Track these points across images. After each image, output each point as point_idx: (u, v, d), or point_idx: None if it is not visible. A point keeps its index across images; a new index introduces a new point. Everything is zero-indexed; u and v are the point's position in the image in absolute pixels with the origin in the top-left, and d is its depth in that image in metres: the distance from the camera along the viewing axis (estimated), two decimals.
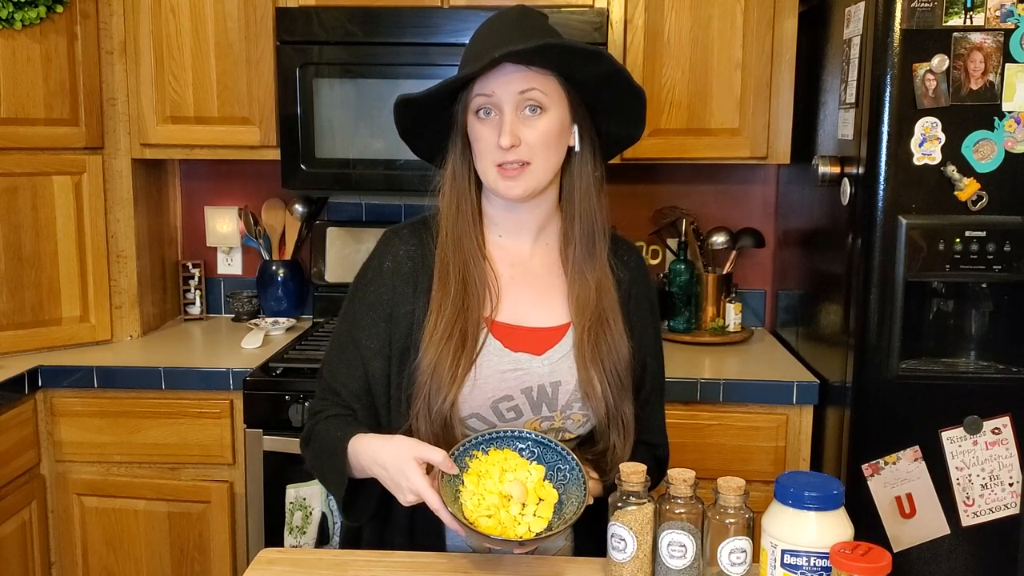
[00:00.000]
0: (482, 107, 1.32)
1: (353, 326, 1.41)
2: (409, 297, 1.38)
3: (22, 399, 2.21)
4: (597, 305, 1.39)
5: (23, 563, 2.23)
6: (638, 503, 1.20)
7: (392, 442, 1.26)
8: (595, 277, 1.40)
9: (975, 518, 2.00)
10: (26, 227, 2.35)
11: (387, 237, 1.44)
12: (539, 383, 1.36)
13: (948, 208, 1.93)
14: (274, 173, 2.46)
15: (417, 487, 1.18)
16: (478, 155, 1.35)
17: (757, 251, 2.79)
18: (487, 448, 1.27)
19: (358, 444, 1.29)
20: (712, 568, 1.17)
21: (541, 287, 1.42)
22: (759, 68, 2.41)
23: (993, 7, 1.87)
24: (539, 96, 1.31)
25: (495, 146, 1.31)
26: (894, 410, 1.99)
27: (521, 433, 1.28)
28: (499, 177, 1.32)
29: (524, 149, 1.31)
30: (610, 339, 1.38)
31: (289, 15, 2.34)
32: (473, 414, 1.35)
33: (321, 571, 1.28)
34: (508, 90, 1.30)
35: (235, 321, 2.85)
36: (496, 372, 1.35)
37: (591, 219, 1.40)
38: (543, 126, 1.31)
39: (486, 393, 1.34)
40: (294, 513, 2.12)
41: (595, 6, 2.38)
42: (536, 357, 1.37)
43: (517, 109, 1.30)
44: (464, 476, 1.23)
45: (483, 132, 1.32)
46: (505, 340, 1.37)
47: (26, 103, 2.31)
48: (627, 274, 1.47)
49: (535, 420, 1.37)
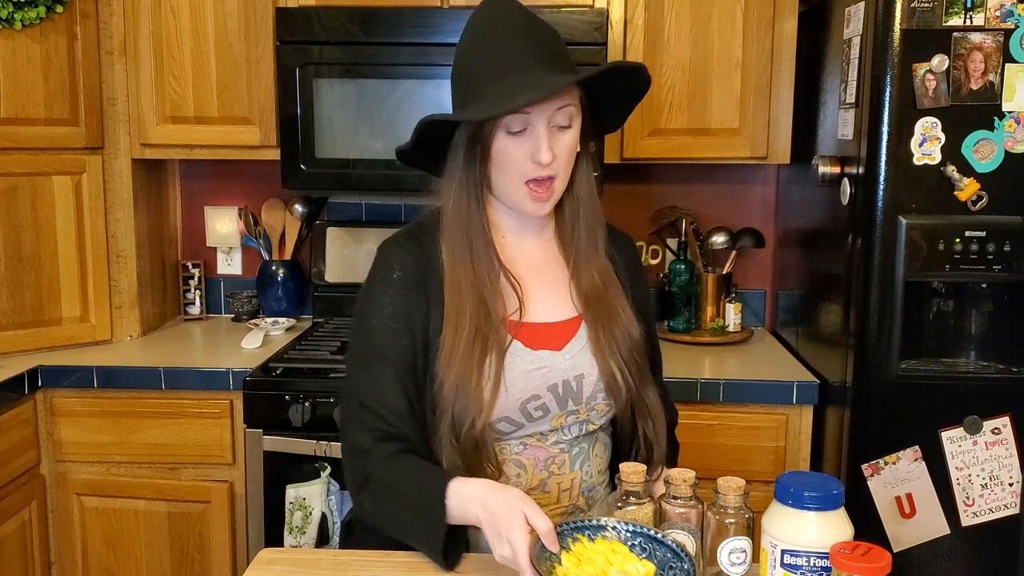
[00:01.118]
0: (514, 125, 1.29)
1: (375, 343, 1.34)
2: (423, 308, 1.34)
3: (22, 399, 2.21)
4: (604, 295, 1.39)
5: (23, 563, 2.23)
6: (638, 503, 1.20)
7: (504, 491, 1.20)
8: (599, 268, 1.41)
9: (975, 518, 2.00)
10: (26, 227, 2.35)
11: (389, 247, 1.40)
12: (563, 378, 1.36)
13: (948, 208, 1.93)
14: (274, 173, 2.45)
15: (516, 544, 1.12)
16: (505, 171, 1.32)
17: (757, 251, 2.79)
18: (594, 535, 1.18)
19: (457, 487, 1.23)
20: (712, 568, 1.17)
21: (548, 282, 1.42)
22: (759, 68, 2.41)
23: (993, 7, 1.87)
24: (572, 111, 1.31)
25: (526, 160, 1.29)
26: (894, 410, 1.99)
27: (632, 527, 1.19)
28: (528, 197, 1.32)
29: (555, 164, 1.31)
30: (622, 327, 1.38)
31: (289, 15, 2.34)
32: (503, 417, 1.33)
33: (321, 571, 1.28)
34: (547, 109, 1.28)
35: (235, 321, 2.85)
36: (521, 373, 1.33)
37: (594, 215, 1.41)
38: (569, 140, 1.32)
39: (514, 395, 1.32)
40: (294, 513, 2.12)
41: (595, 6, 2.38)
42: (557, 352, 1.37)
43: (550, 126, 1.30)
44: (563, 555, 1.15)
45: (513, 149, 1.30)
46: (525, 339, 1.36)
47: (26, 103, 2.31)
48: (622, 258, 1.49)
49: (561, 415, 1.37)
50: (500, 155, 1.31)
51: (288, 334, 2.67)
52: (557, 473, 1.38)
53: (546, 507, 1.36)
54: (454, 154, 1.35)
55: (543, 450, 1.37)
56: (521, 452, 1.37)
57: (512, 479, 1.36)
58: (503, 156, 1.31)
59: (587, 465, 1.41)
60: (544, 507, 1.35)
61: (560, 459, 1.38)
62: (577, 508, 1.40)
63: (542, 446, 1.37)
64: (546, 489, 1.37)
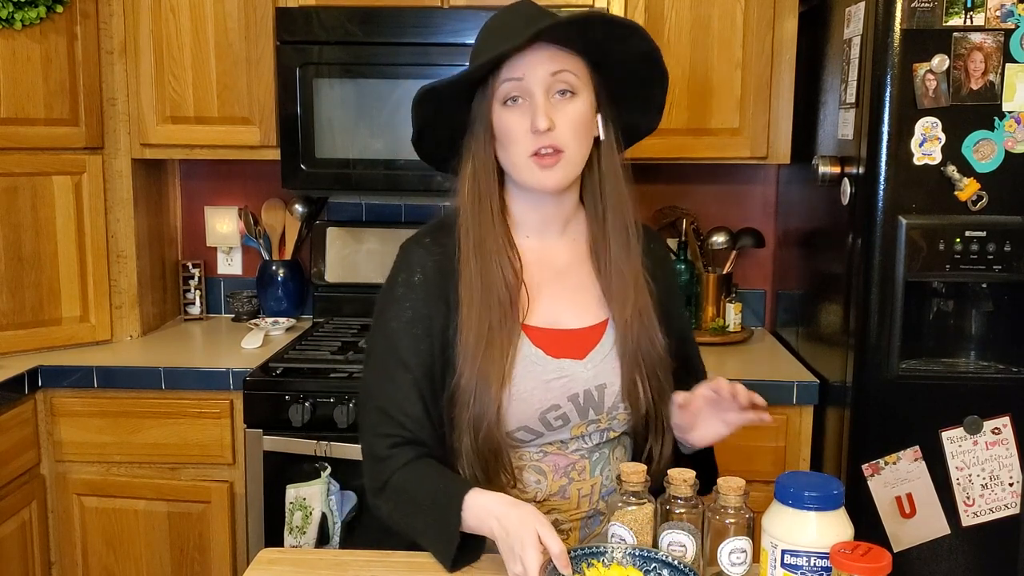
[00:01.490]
0: (510, 94, 1.26)
1: (395, 347, 1.31)
2: (443, 312, 1.32)
3: (22, 399, 2.21)
4: (636, 300, 1.33)
5: (23, 563, 2.23)
6: (638, 503, 1.20)
7: (520, 508, 1.18)
8: (632, 271, 1.34)
9: (975, 518, 2.00)
10: (26, 227, 2.35)
11: (411, 248, 1.36)
12: (585, 388, 1.32)
13: (948, 208, 1.92)
14: (274, 173, 2.46)
15: (529, 563, 1.10)
16: (508, 145, 1.28)
17: (757, 251, 2.79)
18: (609, 561, 1.17)
19: (474, 498, 1.22)
20: (712, 568, 1.17)
21: (573, 286, 1.37)
22: (759, 68, 2.41)
23: (993, 7, 1.87)
24: (570, 78, 1.26)
25: (527, 133, 1.25)
26: (894, 410, 1.99)
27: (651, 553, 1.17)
28: (534, 167, 1.26)
29: (557, 134, 1.25)
30: (648, 336, 1.33)
31: (289, 15, 2.34)
32: (521, 427, 1.31)
33: (321, 571, 1.28)
34: (539, 72, 1.24)
35: (235, 321, 2.85)
36: (541, 383, 1.30)
37: (623, 211, 1.35)
38: (574, 111, 1.26)
39: (533, 405, 1.29)
40: (294, 513, 2.12)
41: (595, 6, 2.38)
42: (579, 362, 1.33)
43: (548, 93, 1.25)
44: None
45: (512, 120, 1.26)
46: (546, 347, 1.32)
47: (26, 103, 2.31)
48: (650, 260, 1.40)
49: (582, 424, 1.34)
50: (502, 131, 1.28)
51: (288, 334, 2.67)
52: (577, 479, 1.36)
53: (566, 512, 1.35)
54: (467, 144, 1.32)
55: (563, 457, 1.35)
56: (541, 459, 1.34)
57: (532, 485, 1.34)
58: (504, 131, 1.27)
59: (607, 470, 1.38)
60: (564, 512, 1.35)
61: (580, 465, 1.35)
62: (598, 512, 1.38)
63: (562, 453, 1.35)
64: (566, 495, 1.35)
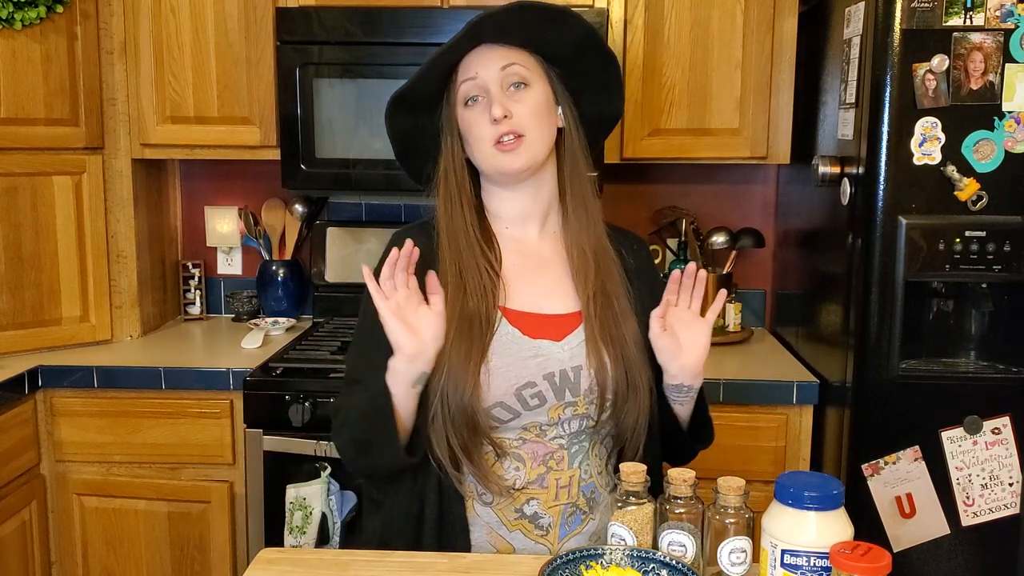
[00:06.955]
0: (470, 94, 1.37)
1: (373, 325, 1.35)
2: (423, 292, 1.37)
3: (22, 399, 2.21)
4: (597, 274, 1.41)
5: (23, 563, 2.23)
6: (638, 503, 1.20)
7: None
8: (591, 245, 1.43)
9: (975, 518, 2.00)
10: (26, 227, 2.35)
11: (397, 236, 1.44)
12: (561, 368, 1.37)
13: (948, 208, 1.93)
14: (274, 173, 2.45)
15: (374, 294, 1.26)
16: (474, 142, 1.38)
17: (757, 251, 2.79)
18: (608, 563, 1.17)
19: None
20: (712, 568, 1.17)
21: (553, 275, 1.44)
22: (759, 68, 2.41)
23: (993, 7, 1.87)
24: (521, 71, 1.37)
25: (488, 125, 1.35)
26: (894, 410, 1.99)
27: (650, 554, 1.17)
28: (497, 152, 1.36)
29: (516, 121, 1.35)
30: (613, 314, 1.39)
31: (289, 15, 2.34)
32: (497, 403, 1.35)
33: (321, 571, 1.28)
34: (490, 68, 1.36)
35: (235, 321, 2.85)
36: (517, 359, 1.35)
37: (581, 185, 1.44)
38: (530, 99, 1.37)
39: (508, 380, 1.34)
40: (294, 513, 2.12)
41: (595, 6, 2.38)
42: (556, 343, 1.38)
43: (502, 87, 1.36)
44: None
45: (474, 117, 1.37)
46: (523, 328, 1.38)
47: (26, 103, 2.31)
48: (635, 261, 1.49)
49: (559, 406, 1.37)
50: (466, 129, 1.39)
51: (288, 334, 2.67)
52: (555, 469, 1.38)
53: (544, 502, 1.38)
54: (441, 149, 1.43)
55: (542, 445, 1.38)
56: (520, 446, 1.37)
57: (511, 472, 1.37)
58: (468, 128, 1.39)
59: (586, 464, 1.41)
60: (543, 504, 1.38)
61: (559, 455, 1.38)
62: (577, 508, 1.40)
63: (541, 441, 1.38)
64: (544, 484, 1.38)
